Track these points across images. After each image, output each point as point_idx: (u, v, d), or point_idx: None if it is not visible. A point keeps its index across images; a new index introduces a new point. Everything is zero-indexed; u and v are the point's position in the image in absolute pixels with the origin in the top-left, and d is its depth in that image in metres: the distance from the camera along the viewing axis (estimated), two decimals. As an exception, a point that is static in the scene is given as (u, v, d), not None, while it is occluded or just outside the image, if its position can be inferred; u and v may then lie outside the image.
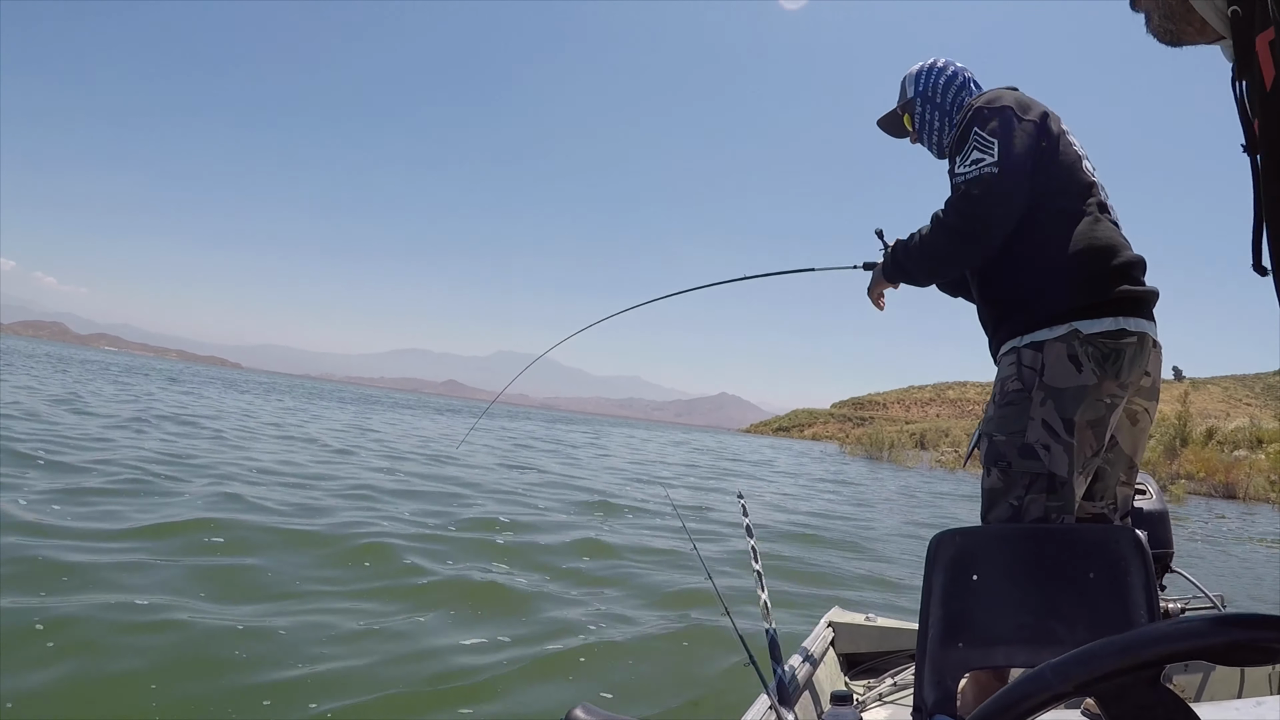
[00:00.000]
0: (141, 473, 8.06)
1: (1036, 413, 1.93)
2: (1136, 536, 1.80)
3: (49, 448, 8.89)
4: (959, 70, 2.37)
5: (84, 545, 5.00)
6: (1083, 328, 1.90)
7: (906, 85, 2.43)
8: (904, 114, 2.46)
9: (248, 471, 9.23)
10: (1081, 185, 2.03)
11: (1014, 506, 1.95)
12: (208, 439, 12.56)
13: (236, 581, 4.72)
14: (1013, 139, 1.99)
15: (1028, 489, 1.94)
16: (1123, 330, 1.90)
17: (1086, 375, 1.89)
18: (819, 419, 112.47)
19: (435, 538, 6.82)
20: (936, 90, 2.35)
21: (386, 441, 17.22)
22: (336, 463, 11.66)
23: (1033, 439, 1.93)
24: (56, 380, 24.42)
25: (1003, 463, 1.98)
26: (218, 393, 32.67)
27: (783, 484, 18.25)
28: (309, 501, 7.73)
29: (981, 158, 1.99)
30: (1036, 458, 1.92)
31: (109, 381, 29.37)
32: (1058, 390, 1.91)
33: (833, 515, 12.12)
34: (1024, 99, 2.10)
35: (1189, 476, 28.07)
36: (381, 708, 3.22)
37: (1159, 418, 38.10)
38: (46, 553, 4.65)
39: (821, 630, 2.88)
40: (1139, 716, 0.59)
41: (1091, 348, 1.89)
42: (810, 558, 7.80)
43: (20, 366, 30.56)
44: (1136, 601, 1.71)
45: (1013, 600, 1.81)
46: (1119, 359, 1.89)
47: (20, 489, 6.48)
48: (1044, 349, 1.94)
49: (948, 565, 1.85)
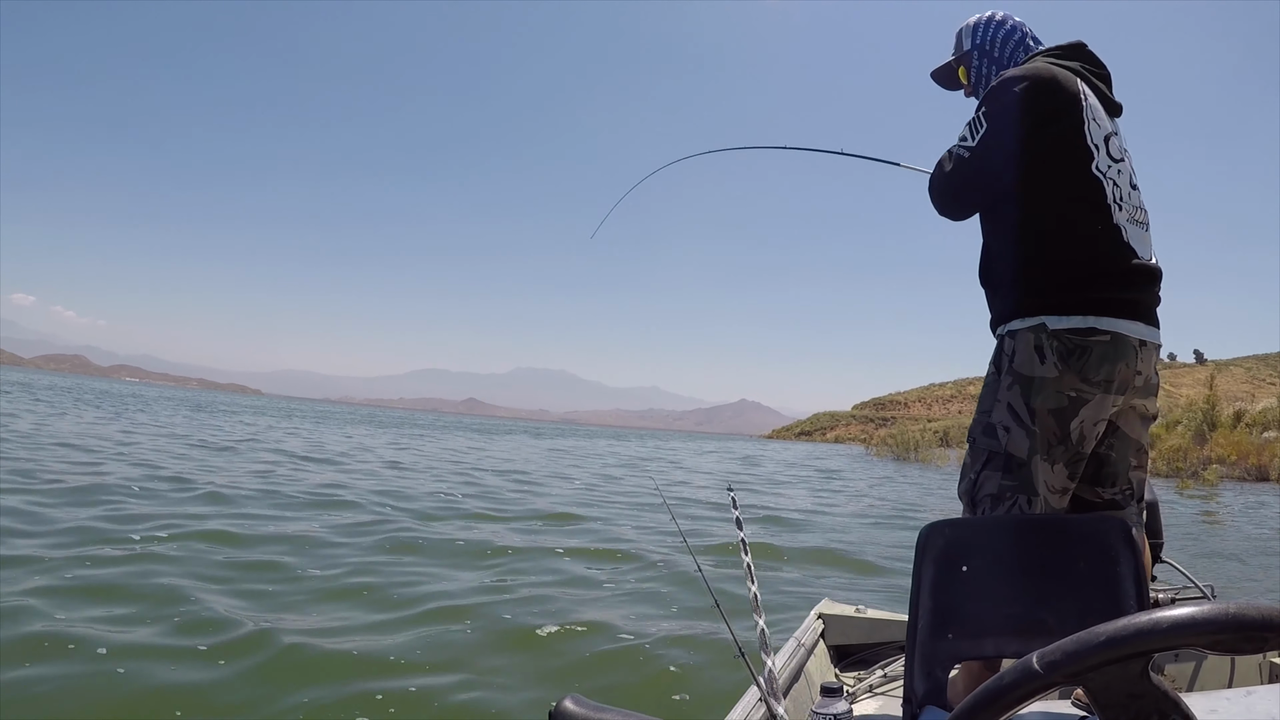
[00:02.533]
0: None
1: (1003, 395, 2.01)
2: (1127, 527, 1.79)
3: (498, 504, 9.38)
4: (1018, 25, 2.30)
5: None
6: (1050, 322, 1.94)
7: (964, 37, 2.37)
8: (959, 66, 2.41)
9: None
10: (1085, 185, 1.99)
11: (973, 480, 2.05)
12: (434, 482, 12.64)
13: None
14: (1003, 128, 1.99)
15: (985, 465, 2.03)
16: (1092, 329, 1.92)
17: (1048, 368, 1.94)
18: (841, 421, 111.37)
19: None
20: (995, 44, 2.31)
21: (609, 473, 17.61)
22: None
23: (996, 419, 2.02)
24: (181, 423, 24.54)
25: (970, 438, 2.09)
26: (312, 426, 33.74)
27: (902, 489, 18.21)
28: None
29: (966, 136, 2.07)
30: (995, 437, 2.01)
31: (213, 419, 29.72)
32: (1024, 378, 1.97)
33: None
34: (1045, 80, 2.01)
35: (1220, 460, 27.13)
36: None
37: (1185, 402, 36.91)
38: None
39: (811, 622, 2.88)
40: (1128, 706, 0.59)
41: (1056, 342, 1.93)
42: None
43: (107, 407, 30.18)
44: (1127, 591, 1.71)
45: (1003, 591, 1.81)
46: (1084, 356, 1.92)
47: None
48: (1016, 337, 2.00)
49: (938, 556, 1.84)
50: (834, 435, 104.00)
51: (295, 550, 6.13)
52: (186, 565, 5.33)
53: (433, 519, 8.29)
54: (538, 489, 12.67)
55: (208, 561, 5.51)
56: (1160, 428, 32.60)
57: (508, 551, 6.74)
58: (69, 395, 42.27)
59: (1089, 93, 2.06)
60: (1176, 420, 32.17)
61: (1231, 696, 1.40)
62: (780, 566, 7.06)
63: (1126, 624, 0.57)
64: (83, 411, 26.03)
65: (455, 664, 3.90)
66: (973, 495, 2.05)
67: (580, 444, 37.27)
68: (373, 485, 11.10)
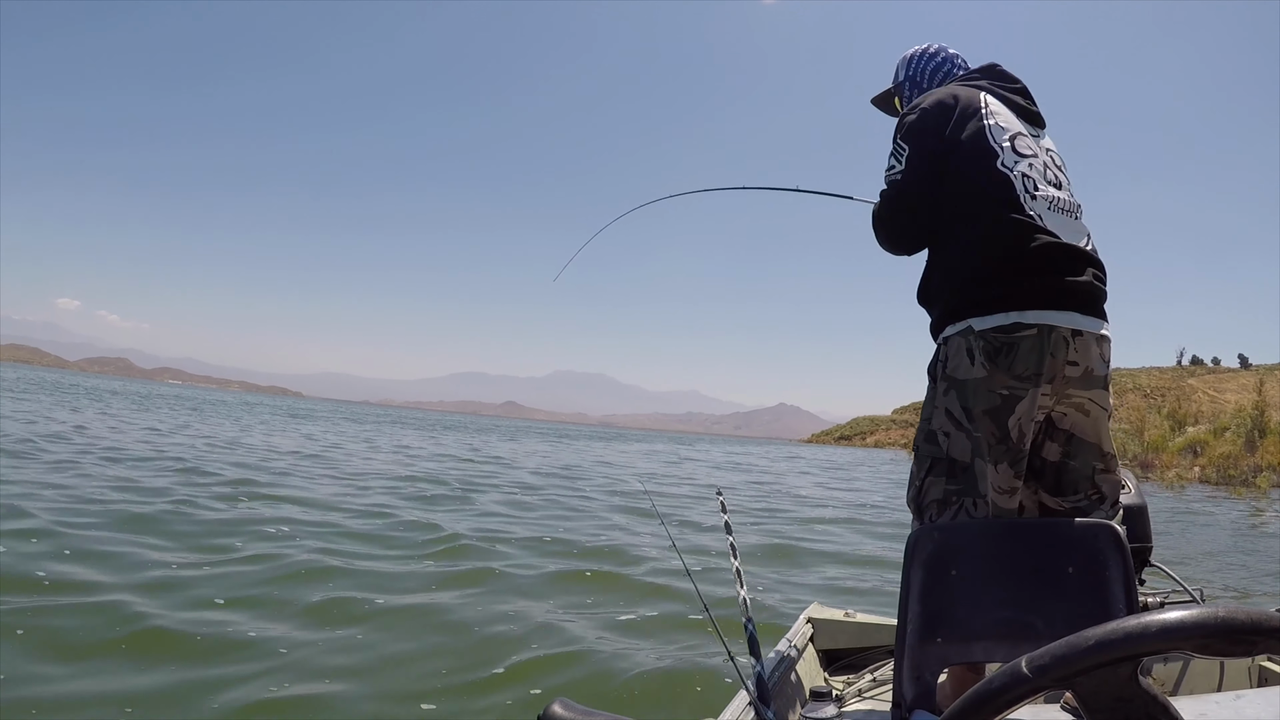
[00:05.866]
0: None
1: (940, 402, 2.04)
2: (1115, 531, 1.80)
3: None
4: (949, 57, 2.45)
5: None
6: (975, 324, 1.98)
7: (900, 68, 2.53)
8: (895, 95, 2.56)
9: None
10: (992, 182, 2.05)
11: (918, 487, 2.07)
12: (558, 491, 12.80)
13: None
14: (921, 148, 2.12)
15: (928, 471, 2.05)
16: (1016, 324, 1.93)
17: (977, 369, 1.96)
18: (881, 426, 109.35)
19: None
20: (924, 76, 2.46)
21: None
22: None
23: (935, 425, 2.05)
24: (282, 432, 24.76)
25: (915, 446, 2.12)
26: (390, 431, 34.68)
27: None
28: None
29: (893, 165, 2.18)
30: (936, 443, 2.04)
31: (328, 428, 30.42)
32: (959, 382, 2.00)
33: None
34: (945, 98, 2.15)
35: (1271, 468, 26.99)
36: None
37: (1233, 408, 36.34)
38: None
39: (801, 626, 2.87)
40: (1117, 710, 0.58)
41: (983, 342, 1.96)
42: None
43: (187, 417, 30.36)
44: (1115, 595, 1.71)
45: (991, 595, 1.81)
46: (1011, 353, 1.93)
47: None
48: (949, 343, 2.04)
49: (926, 561, 1.84)
50: (874, 440, 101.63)
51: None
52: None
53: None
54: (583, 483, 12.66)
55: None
56: (1208, 434, 32.28)
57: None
58: (183, 404, 42.93)
59: (991, 100, 2.17)
60: (1224, 427, 31.93)
61: (1221, 700, 1.40)
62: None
63: (1115, 628, 0.56)
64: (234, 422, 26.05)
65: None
66: (919, 502, 2.07)
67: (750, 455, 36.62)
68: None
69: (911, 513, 2.12)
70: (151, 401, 41.19)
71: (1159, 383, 64.08)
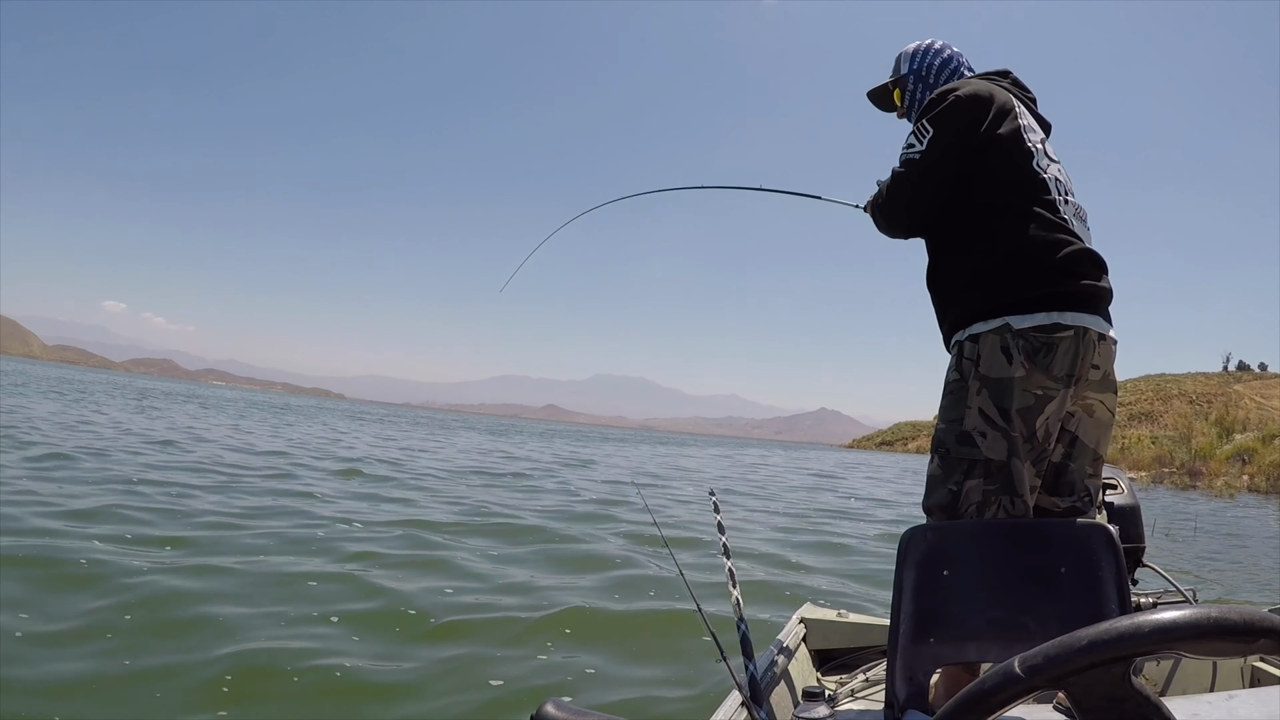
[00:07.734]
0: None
1: (973, 401, 1.99)
2: (1108, 531, 1.80)
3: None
4: (954, 54, 2.42)
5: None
6: (1014, 322, 1.96)
7: (901, 62, 2.47)
8: (894, 89, 2.50)
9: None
10: (1029, 182, 2.06)
11: (952, 492, 2.01)
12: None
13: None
14: (948, 132, 2.09)
15: (966, 474, 1.99)
16: (1056, 325, 1.94)
17: (1016, 367, 1.94)
18: (923, 431, 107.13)
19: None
20: (930, 71, 2.41)
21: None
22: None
23: (970, 426, 1.99)
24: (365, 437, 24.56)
25: (942, 449, 2.05)
26: (449, 434, 34.80)
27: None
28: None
29: (912, 144, 2.15)
30: (973, 444, 1.98)
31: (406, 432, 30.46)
32: (993, 380, 1.97)
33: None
34: (982, 91, 2.13)
35: None
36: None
37: (1273, 415, 35.94)
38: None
39: (793, 626, 2.87)
40: (1109, 710, 0.58)
41: (1022, 341, 1.94)
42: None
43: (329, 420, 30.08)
44: (1108, 595, 1.71)
45: (984, 595, 1.81)
46: (1050, 353, 1.93)
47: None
48: (980, 341, 2.00)
49: (919, 561, 1.84)
50: (915, 446, 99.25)
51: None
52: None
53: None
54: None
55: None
56: (1256, 441, 32.11)
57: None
58: (258, 408, 43.20)
59: (1020, 102, 2.18)
60: (1273, 434, 31.67)
61: (1213, 700, 1.40)
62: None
63: (1108, 628, 0.56)
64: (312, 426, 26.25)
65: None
66: (955, 506, 2.01)
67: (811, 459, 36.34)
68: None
69: (933, 517, 2.06)
70: (249, 409, 39.72)
71: (1205, 389, 63.20)
